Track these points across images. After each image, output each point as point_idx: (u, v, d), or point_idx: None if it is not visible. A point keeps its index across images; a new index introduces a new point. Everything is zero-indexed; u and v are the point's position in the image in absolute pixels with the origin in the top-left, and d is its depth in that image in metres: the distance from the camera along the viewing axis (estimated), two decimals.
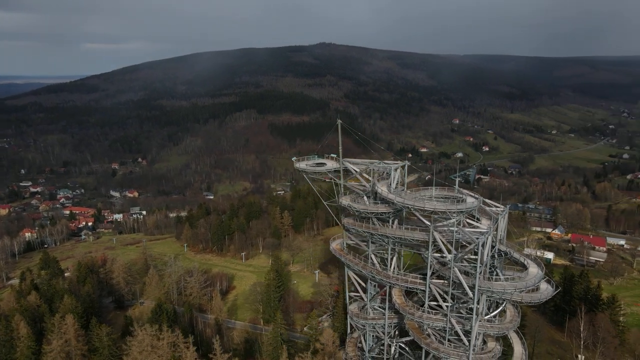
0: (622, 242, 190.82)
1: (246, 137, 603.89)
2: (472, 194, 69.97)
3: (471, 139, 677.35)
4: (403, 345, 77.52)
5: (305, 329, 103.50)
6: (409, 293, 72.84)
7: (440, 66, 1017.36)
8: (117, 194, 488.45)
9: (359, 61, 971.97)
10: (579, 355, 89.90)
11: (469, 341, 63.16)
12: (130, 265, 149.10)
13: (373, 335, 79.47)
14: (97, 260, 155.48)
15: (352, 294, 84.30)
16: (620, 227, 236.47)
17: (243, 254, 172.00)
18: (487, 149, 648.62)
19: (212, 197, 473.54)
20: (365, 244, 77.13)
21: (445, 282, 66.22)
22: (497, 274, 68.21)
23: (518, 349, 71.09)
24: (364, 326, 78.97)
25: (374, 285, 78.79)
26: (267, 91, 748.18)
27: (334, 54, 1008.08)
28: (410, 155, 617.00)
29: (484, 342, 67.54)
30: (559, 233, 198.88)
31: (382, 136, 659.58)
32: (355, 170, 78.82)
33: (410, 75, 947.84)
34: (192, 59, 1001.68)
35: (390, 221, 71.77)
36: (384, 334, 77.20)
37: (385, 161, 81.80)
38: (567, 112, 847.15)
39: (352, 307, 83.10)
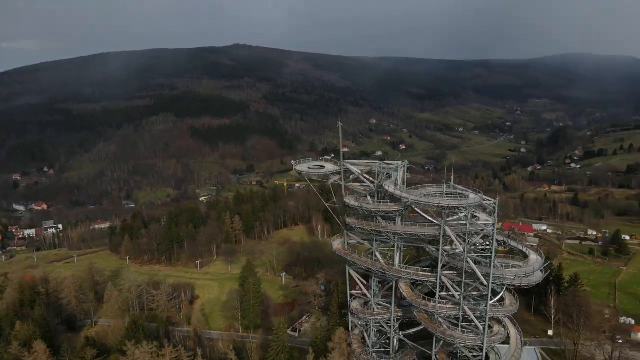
0: (544, 227, 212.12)
1: (165, 142, 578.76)
2: (470, 190, 75.00)
3: (389, 138, 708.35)
4: (402, 337, 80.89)
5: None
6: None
7: (354, 68, 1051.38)
8: (21, 208, 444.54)
9: (276, 63, 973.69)
10: (549, 331, 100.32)
11: (482, 326, 68.33)
12: (80, 283, 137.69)
13: (375, 331, 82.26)
14: (37, 280, 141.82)
15: (355, 292, 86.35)
16: (535, 214, 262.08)
17: (198, 262, 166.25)
18: (404, 147, 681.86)
19: (133, 206, 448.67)
20: (368, 242, 79.48)
21: (455, 272, 70.77)
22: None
23: (513, 332, 77.79)
24: (368, 322, 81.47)
25: (377, 282, 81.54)
26: (184, 94, 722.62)
27: (250, 55, 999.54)
28: (333, 155, 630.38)
29: (490, 327, 73.07)
30: None
31: (304, 137, 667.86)
32: (357, 172, 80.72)
33: (325, 77, 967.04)
34: (99, 59, 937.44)
35: (397, 218, 74.90)
36: (389, 327, 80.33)
37: (386, 162, 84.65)
38: (471, 111, 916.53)
39: (355, 305, 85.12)
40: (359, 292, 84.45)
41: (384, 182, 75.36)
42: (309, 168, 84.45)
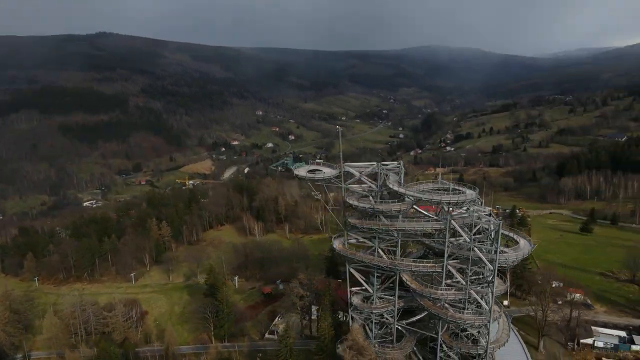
0: None
1: (32, 142, 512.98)
2: (464, 186, 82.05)
3: (277, 129, 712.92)
4: (405, 326, 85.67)
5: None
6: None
7: (234, 59, 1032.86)
8: None
9: (150, 53, 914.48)
10: (505, 302, 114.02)
11: (488, 305, 76.34)
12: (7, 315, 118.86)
13: (375, 323, 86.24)
14: None
15: (355, 288, 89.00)
16: None
17: (132, 274, 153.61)
18: (293, 137, 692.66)
19: (1, 217, 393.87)
20: (369, 240, 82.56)
21: (458, 260, 77.53)
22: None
23: (496, 308, 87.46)
24: (369, 316, 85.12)
25: (377, 277, 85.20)
26: (46, 87, 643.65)
27: (120, 45, 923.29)
28: (223, 149, 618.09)
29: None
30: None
31: (191, 132, 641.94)
32: (357, 174, 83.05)
33: (205, 68, 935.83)
34: None
35: (400, 215, 79.25)
36: (392, 318, 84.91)
37: (383, 162, 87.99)
38: (350, 100, 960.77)
39: (355, 300, 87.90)
40: (360, 288, 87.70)
41: (389, 182, 79.23)
42: (307, 172, 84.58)
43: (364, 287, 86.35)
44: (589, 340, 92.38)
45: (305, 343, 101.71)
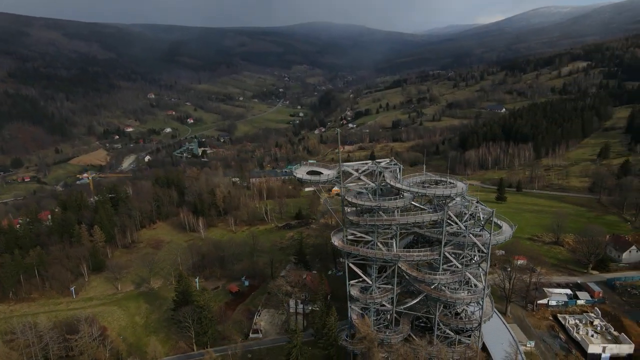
0: None
1: None
2: (455, 178, 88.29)
3: (173, 113, 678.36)
4: (403, 310, 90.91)
5: None
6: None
7: (115, 37, 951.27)
8: None
9: (12, 32, 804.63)
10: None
11: (482, 285, 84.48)
12: None
13: (374, 311, 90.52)
14: None
15: (353, 281, 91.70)
16: None
17: (72, 288, 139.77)
18: (191, 121, 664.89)
19: None
20: (369, 234, 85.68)
21: (452, 247, 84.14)
22: None
23: (480, 284, 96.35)
24: (369, 305, 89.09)
25: (376, 268, 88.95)
26: None
27: None
28: (117, 136, 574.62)
29: (476, 285, 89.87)
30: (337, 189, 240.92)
31: (76, 119, 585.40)
32: (356, 174, 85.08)
33: (82, 48, 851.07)
34: None
35: (397, 210, 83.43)
36: (391, 305, 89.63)
37: (376, 160, 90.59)
38: (245, 80, 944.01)
39: (354, 292, 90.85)
40: (359, 280, 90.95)
41: (388, 179, 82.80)
42: (306, 174, 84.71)
43: (360, 279, 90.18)
44: (544, 301, 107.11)
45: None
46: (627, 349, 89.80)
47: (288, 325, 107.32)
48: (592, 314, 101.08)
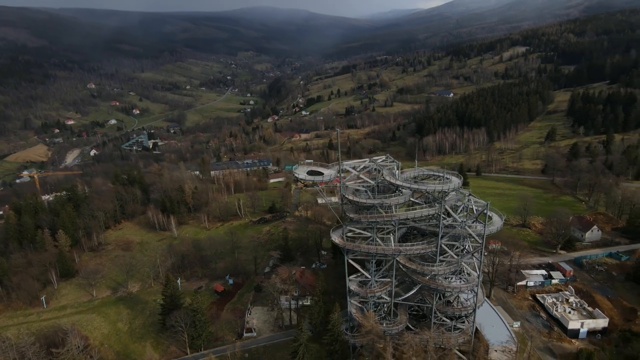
0: None
1: None
2: (450, 173, 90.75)
3: (117, 104, 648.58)
4: (400, 302, 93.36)
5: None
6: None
7: (46, 23, 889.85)
8: None
9: None
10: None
11: (477, 274, 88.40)
12: None
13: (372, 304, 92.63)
14: None
15: (352, 277, 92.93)
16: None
17: (43, 297, 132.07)
18: (137, 111, 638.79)
19: None
20: (368, 230, 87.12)
21: (448, 238, 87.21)
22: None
23: (474, 273, 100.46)
24: (368, 298, 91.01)
25: (373, 262, 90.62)
26: None
27: None
28: (57, 130, 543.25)
29: (468, 274, 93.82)
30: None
31: (10, 113, 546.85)
32: (355, 172, 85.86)
33: (10, 34, 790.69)
34: None
35: (397, 207, 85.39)
36: (389, 297, 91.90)
37: (373, 158, 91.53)
38: (191, 67, 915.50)
39: (353, 287, 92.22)
40: (357, 274, 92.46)
41: (387, 177, 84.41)
42: (307, 174, 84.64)
43: (359, 274, 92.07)
44: (523, 282, 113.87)
45: (289, 334, 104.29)
46: (602, 322, 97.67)
47: (282, 322, 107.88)
48: (567, 292, 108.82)
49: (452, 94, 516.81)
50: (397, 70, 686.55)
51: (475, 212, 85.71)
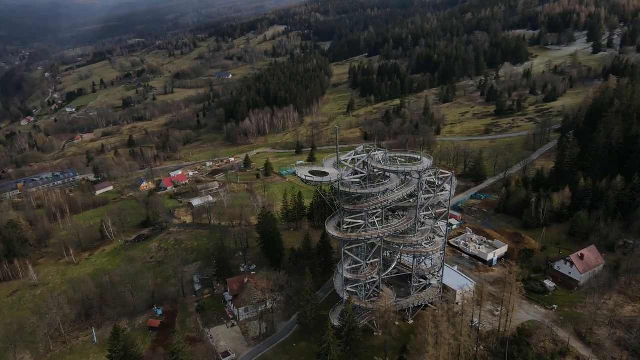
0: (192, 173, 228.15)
1: None
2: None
3: None
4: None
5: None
6: None
7: None
8: None
9: None
10: None
11: (444, 236, 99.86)
12: None
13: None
14: None
15: (347, 267, 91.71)
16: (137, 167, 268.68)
17: None
18: None
19: None
20: (361, 219, 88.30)
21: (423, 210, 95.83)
22: None
23: (441, 236, 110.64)
24: (361, 281, 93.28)
25: (365, 247, 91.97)
26: None
27: None
28: None
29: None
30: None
31: None
32: (352, 167, 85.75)
33: None
34: None
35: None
36: (378, 276, 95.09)
37: (363, 145, 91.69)
38: None
39: (348, 275, 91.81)
40: (349, 263, 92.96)
41: (376, 165, 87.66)
42: (309, 173, 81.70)
43: (350, 264, 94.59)
44: None
45: (271, 342, 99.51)
46: (505, 249, 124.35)
47: (260, 331, 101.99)
48: (468, 233, 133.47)
49: (230, 75, 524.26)
50: (163, 54, 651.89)
51: (440, 183, 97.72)
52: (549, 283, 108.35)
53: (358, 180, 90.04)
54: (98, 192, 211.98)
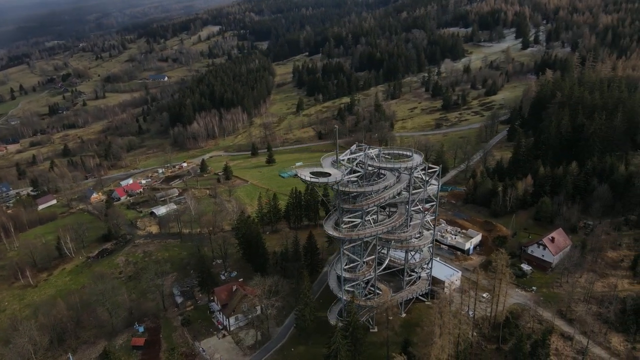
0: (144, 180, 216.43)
1: None
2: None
3: None
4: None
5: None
6: None
7: None
8: None
9: None
10: None
11: (433, 229, 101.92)
12: None
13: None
14: None
15: (346, 266, 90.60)
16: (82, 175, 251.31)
17: None
18: None
19: None
20: (358, 218, 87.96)
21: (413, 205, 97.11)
22: None
23: (430, 230, 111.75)
24: (359, 280, 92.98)
25: (362, 245, 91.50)
26: None
27: None
28: None
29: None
30: None
31: None
32: (350, 166, 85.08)
33: None
34: None
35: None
36: (374, 272, 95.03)
37: (359, 144, 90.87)
38: None
39: (346, 275, 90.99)
40: (346, 262, 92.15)
41: (373, 162, 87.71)
42: (311, 174, 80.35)
43: (347, 263, 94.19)
44: None
45: (268, 348, 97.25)
46: (479, 238, 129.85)
47: (256, 339, 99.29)
48: (442, 225, 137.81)
49: (166, 78, 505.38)
50: (89, 57, 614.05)
51: (427, 177, 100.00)
52: (525, 266, 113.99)
53: (356, 179, 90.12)
54: (41, 207, 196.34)
